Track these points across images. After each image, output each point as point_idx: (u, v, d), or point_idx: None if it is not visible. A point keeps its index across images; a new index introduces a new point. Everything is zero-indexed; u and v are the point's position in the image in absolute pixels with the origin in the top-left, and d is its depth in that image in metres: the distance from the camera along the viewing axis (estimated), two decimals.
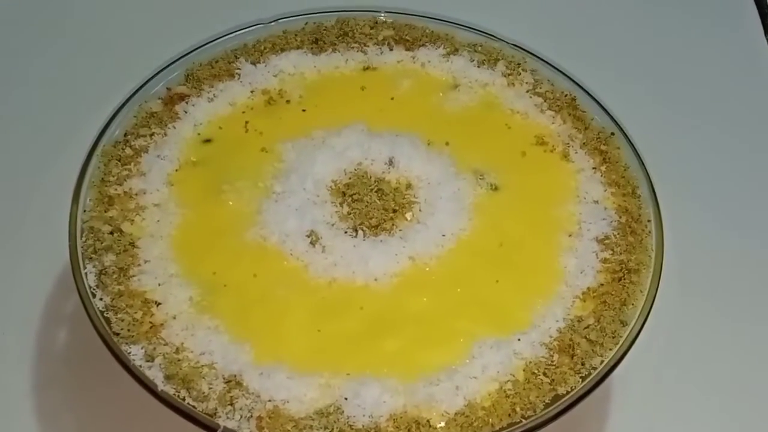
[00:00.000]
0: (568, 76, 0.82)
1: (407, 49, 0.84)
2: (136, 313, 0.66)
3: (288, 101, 0.80)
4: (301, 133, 0.77)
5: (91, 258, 0.68)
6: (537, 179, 0.76)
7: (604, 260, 0.71)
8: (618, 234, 0.72)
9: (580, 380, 0.64)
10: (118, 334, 0.64)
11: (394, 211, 0.72)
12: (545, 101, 0.81)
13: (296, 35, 0.84)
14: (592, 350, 0.66)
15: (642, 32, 1.08)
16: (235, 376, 0.63)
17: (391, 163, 0.75)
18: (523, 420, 0.62)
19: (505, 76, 0.83)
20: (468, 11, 0.90)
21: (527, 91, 0.82)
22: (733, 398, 0.78)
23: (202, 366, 0.64)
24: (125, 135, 0.76)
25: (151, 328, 0.65)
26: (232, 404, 0.62)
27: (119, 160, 0.74)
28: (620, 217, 0.73)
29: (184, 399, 0.62)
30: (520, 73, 0.83)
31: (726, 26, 1.08)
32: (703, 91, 1.01)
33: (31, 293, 0.81)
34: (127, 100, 0.77)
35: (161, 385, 0.62)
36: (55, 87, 0.98)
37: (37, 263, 0.82)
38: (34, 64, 1.00)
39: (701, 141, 0.96)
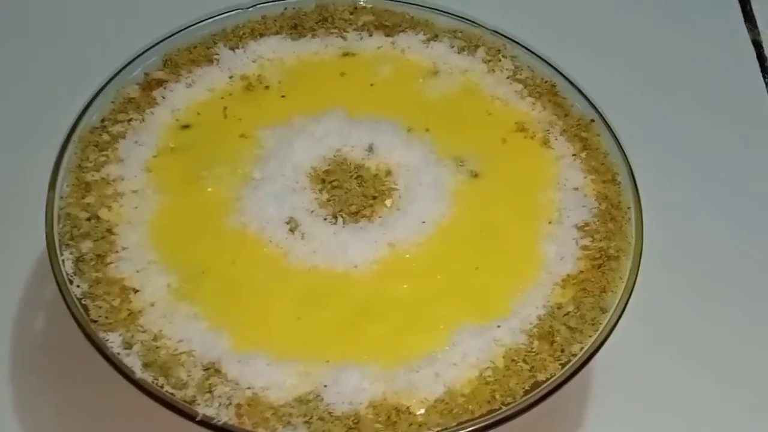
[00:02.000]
0: (548, 63, 0.81)
1: (387, 35, 0.84)
2: (113, 300, 0.65)
3: (267, 87, 0.80)
4: (281, 120, 0.77)
5: (68, 245, 0.67)
6: (517, 166, 0.76)
7: (584, 247, 0.71)
8: (598, 221, 0.72)
9: (560, 367, 0.64)
10: (95, 321, 0.64)
11: (374, 197, 0.72)
12: (525, 88, 0.81)
13: (275, 21, 0.84)
14: (572, 337, 0.66)
15: (623, 19, 1.07)
16: (213, 363, 0.63)
17: (370, 149, 0.75)
18: (503, 407, 0.62)
19: (485, 62, 0.82)
20: None
21: (507, 78, 0.81)
22: (715, 384, 0.78)
23: (181, 353, 0.63)
24: (102, 121, 0.75)
25: (128, 315, 0.65)
26: (210, 392, 0.62)
27: (96, 146, 0.73)
28: (600, 204, 0.73)
29: (162, 387, 0.62)
30: (500, 60, 0.82)
31: (707, 13, 1.08)
32: (684, 78, 1.01)
33: (7, 280, 0.80)
34: (105, 86, 0.76)
35: (139, 373, 0.62)
36: (31, 72, 0.96)
37: (14, 250, 0.81)
38: (8, 49, 0.99)
39: (682, 128, 0.96)
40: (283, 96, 0.79)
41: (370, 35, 0.84)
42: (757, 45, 1.04)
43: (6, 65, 0.97)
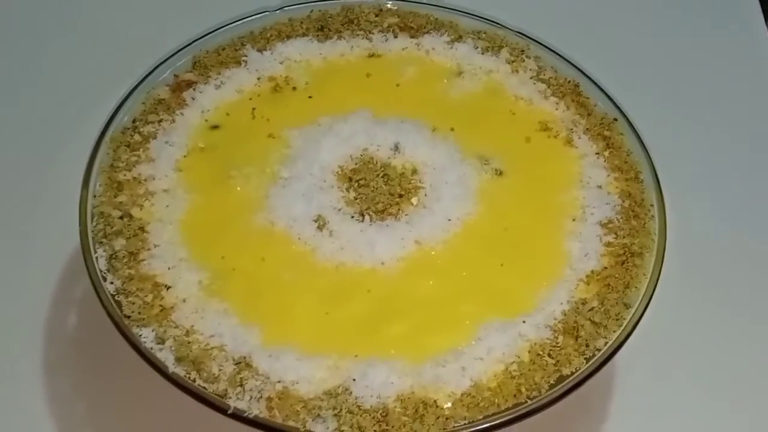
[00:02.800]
0: (571, 63, 0.82)
1: (412, 37, 0.84)
2: (146, 296, 0.66)
3: (294, 88, 0.81)
4: (308, 120, 0.77)
5: (101, 242, 0.68)
6: (541, 164, 0.77)
7: (608, 244, 0.71)
8: (621, 218, 0.73)
9: (585, 361, 0.65)
10: (128, 317, 0.65)
11: (400, 196, 0.73)
12: (549, 87, 0.81)
13: (302, 23, 0.85)
14: (596, 332, 0.66)
15: (645, 18, 1.08)
16: (244, 358, 0.64)
17: (396, 148, 0.76)
18: (529, 400, 0.63)
19: (508, 63, 0.83)
20: None
21: (531, 78, 0.82)
22: (736, 380, 0.78)
23: (212, 348, 0.64)
24: (134, 121, 0.76)
25: (161, 311, 0.66)
26: (242, 385, 0.62)
27: (128, 146, 0.75)
28: (623, 202, 0.74)
29: (194, 381, 0.62)
30: (523, 60, 0.83)
31: (729, 13, 1.08)
32: (706, 77, 1.01)
33: (41, 278, 0.81)
34: (135, 87, 0.78)
35: (172, 367, 0.63)
36: (64, 75, 0.98)
37: (48, 248, 0.82)
38: (43, 52, 1.00)
39: (704, 126, 0.96)
40: (310, 97, 0.80)
41: (395, 37, 0.84)
42: None
43: (40, 67, 0.99)
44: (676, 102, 0.98)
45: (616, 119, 0.78)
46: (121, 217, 0.70)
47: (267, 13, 0.85)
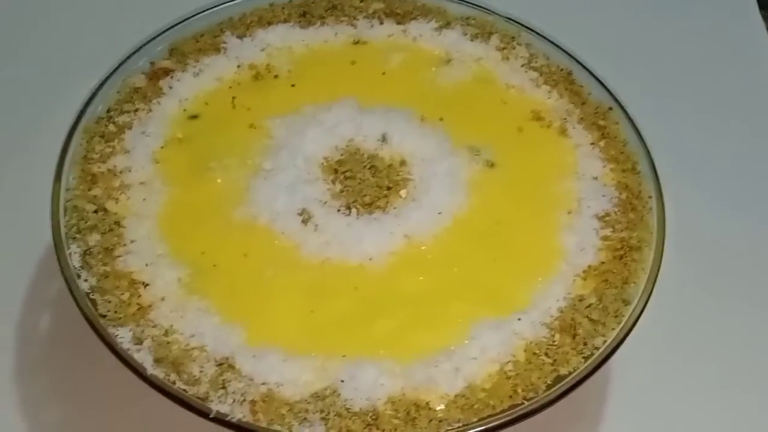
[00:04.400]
0: (563, 50, 0.81)
1: (398, 23, 0.83)
2: (123, 294, 0.64)
3: (276, 76, 0.79)
4: (291, 109, 0.76)
5: (75, 238, 0.66)
6: (534, 155, 0.75)
7: (605, 238, 0.70)
8: (618, 211, 0.71)
9: (583, 360, 0.63)
10: (104, 317, 0.63)
11: (388, 188, 0.71)
12: (541, 75, 0.80)
13: (283, 8, 0.83)
14: (595, 330, 0.65)
15: (639, 3, 1.07)
16: (227, 358, 0.62)
17: (384, 139, 0.74)
18: (525, 402, 0.61)
19: (499, 50, 0.81)
20: None
21: (522, 66, 0.80)
22: (736, 378, 0.77)
23: (193, 348, 0.62)
24: (108, 111, 0.74)
25: (138, 309, 0.64)
26: (224, 388, 0.61)
27: (102, 137, 0.73)
28: (620, 194, 0.72)
29: (174, 383, 0.61)
30: (514, 47, 0.81)
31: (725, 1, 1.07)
32: (704, 64, 1.00)
33: (12, 276, 0.79)
34: (110, 75, 0.76)
35: (150, 369, 0.61)
36: (34, 61, 0.96)
37: (19, 244, 0.80)
38: (12, 37, 0.98)
39: (702, 115, 0.95)
40: (292, 85, 0.78)
41: (381, 23, 0.83)
42: None
43: (8, 54, 0.96)
44: (674, 90, 0.97)
45: (611, 108, 0.77)
46: (95, 212, 0.68)
47: None
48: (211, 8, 0.82)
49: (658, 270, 0.67)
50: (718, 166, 0.91)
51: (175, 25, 0.80)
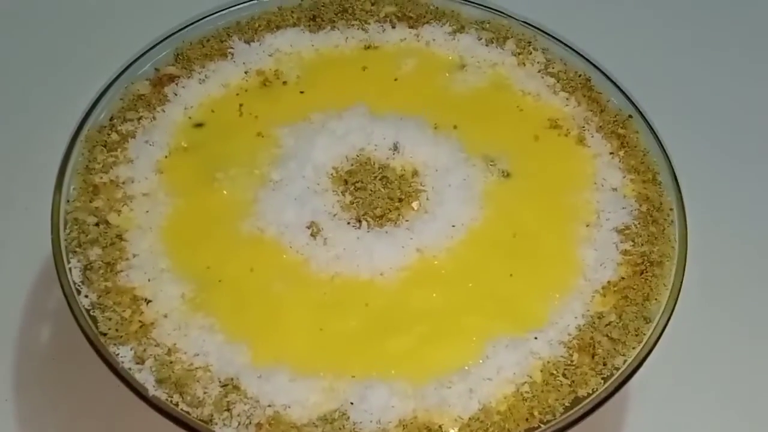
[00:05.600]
0: (581, 55, 0.80)
1: (411, 27, 0.82)
2: (124, 311, 0.63)
3: (285, 82, 0.78)
4: (299, 117, 0.75)
5: (75, 252, 0.66)
6: (551, 165, 0.74)
7: (625, 252, 0.68)
8: (639, 224, 0.70)
9: (602, 381, 0.62)
10: (105, 335, 0.62)
11: (400, 200, 0.70)
12: (558, 82, 0.79)
13: (292, 12, 0.82)
14: (614, 349, 0.63)
15: (660, 7, 1.05)
16: (232, 379, 0.61)
17: (395, 148, 0.73)
18: (542, 425, 0.60)
19: (515, 55, 0.80)
20: None
21: (539, 71, 0.79)
22: (758, 399, 0.76)
23: (197, 368, 0.61)
24: (111, 119, 0.73)
25: (140, 327, 0.63)
26: (229, 410, 0.59)
27: (105, 146, 0.72)
28: (641, 206, 0.71)
29: (177, 405, 0.60)
30: (530, 52, 0.80)
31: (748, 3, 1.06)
32: (727, 70, 0.99)
33: (10, 289, 0.78)
34: (113, 82, 0.75)
35: (152, 390, 0.60)
36: (36, 68, 0.95)
37: (17, 257, 0.80)
38: (13, 43, 0.97)
39: (725, 123, 0.94)
40: (301, 92, 0.77)
41: (393, 27, 0.82)
42: None
43: (9, 60, 0.95)
44: (695, 97, 0.96)
45: (630, 116, 0.76)
46: (96, 224, 0.67)
47: (255, 1, 0.82)
48: (218, 12, 0.81)
49: (681, 286, 0.66)
50: (742, 178, 0.90)
51: (181, 29, 0.79)
